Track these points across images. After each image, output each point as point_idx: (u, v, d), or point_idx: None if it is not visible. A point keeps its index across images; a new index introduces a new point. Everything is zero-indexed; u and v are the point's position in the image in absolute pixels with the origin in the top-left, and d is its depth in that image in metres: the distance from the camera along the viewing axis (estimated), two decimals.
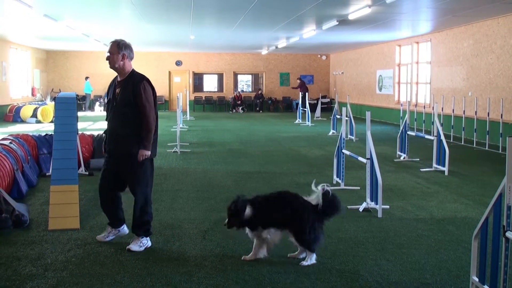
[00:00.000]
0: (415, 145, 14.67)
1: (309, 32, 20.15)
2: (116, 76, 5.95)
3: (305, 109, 24.01)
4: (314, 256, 5.39)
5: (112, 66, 5.78)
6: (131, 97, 5.68)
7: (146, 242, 5.92)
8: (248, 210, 5.35)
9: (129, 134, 5.70)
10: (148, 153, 5.74)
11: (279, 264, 5.42)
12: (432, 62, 20.35)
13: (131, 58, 5.84)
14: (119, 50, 5.74)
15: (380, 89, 25.90)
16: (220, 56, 33.51)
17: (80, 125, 15.91)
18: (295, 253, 5.58)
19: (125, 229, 6.19)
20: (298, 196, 5.50)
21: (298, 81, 31.61)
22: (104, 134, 6.03)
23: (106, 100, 5.98)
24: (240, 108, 32.41)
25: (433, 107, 11.71)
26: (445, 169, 10.72)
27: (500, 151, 13.87)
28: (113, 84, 5.91)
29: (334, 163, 9.58)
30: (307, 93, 27.14)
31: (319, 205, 5.33)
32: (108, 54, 5.76)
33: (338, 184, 9.34)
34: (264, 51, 31.18)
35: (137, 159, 5.70)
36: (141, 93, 5.68)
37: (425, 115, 18.76)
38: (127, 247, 5.81)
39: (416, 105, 19.74)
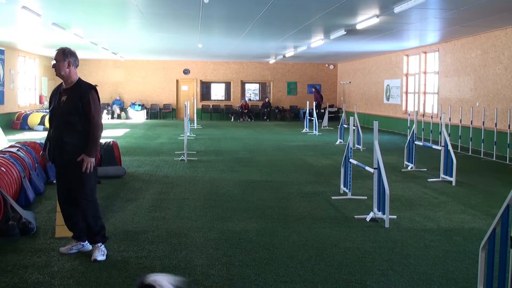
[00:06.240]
0: (423, 155, 14.64)
1: (317, 42, 20.18)
2: (60, 84, 5.94)
3: (312, 118, 23.99)
4: None
5: (58, 73, 5.79)
6: (79, 106, 5.67)
7: (104, 248, 5.90)
8: None
9: (76, 142, 5.67)
10: (93, 160, 5.71)
11: (285, 274, 5.41)
12: (440, 72, 20.32)
13: (76, 66, 5.86)
14: (64, 58, 5.77)
15: (388, 99, 25.87)
16: (227, 65, 33.59)
17: None
18: None
19: (88, 244, 6.06)
20: None
21: (314, 90, 32.22)
22: (48, 141, 5.94)
23: (50, 108, 5.93)
24: (247, 116, 32.48)
25: (440, 117, 11.69)
26: (453, 179, 10.67)
27: (507, 162, 13.81)
28: (58, 92, 5.88)
29: (341, 173, 9.56)
30: (314, 103, 27.18)
31: None
32: (54, 62, 5.77)
33: (345, 193, 9.33)
34: (271, 60, 31.22)
35: (81, 167, 5.68)
36: (90, 102, 5.69)
37: (432, 125, 18.73)
38: (92, 258, 5.75)
39: (423, 115, 19.72)
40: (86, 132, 5.70)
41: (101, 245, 5.87)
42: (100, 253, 5.80)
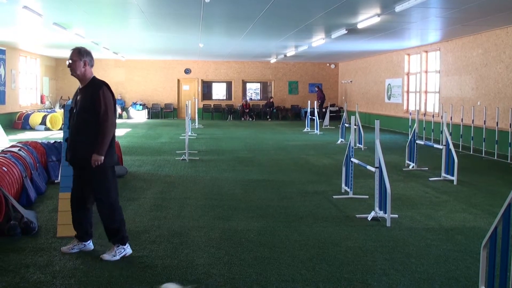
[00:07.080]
0: (424, 154, 14.63)
1: (318, 41, 20.16)
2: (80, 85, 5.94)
3: (313, 117, 23.98)
4: None
5: (74, 73, 5.77)
6: (91, 103, 5.64)
7: (123, 250, 5.84)
8: None
9: (87, 140, 5.63)
10: (102, 158, 5.61)
11: (287, 273, 5.41)
12: (441, 71, 20.31)
13: (92, 65, 5.85)
14: (80, 57, 5.75)
15: (389, 98, 25.86)
16: (228, 64, 33.59)
17: None
18: None
19: (90, 244, 6.08)
20: None
21: (316, 89, 32.31)
22: (66, 142, 5.95)
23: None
24: (248, 116, 32.51)
25: (442, 116, 11.68)
26: (454, 178, 10.67)
27: (508, 161, 13.80)
28: (76, 93, 5.88)
29: (343, 172, 9.55)
30: (317, 102, 27.18)
31: None
32: (70, 61, 5.75)
33: (346, 192, 9.33)
34: (272, 60, 31.21)
35: (95, 165, 5.64)
36: (100, 98, 5.63)
37: (434, 124, 18.73)
38: (101, 256, 5.78)
39: (425, 114, 19.71)
40: (99, 129, 5.66)
41: (117, 247, 5.82)
42: (111, 254, 5.78)
